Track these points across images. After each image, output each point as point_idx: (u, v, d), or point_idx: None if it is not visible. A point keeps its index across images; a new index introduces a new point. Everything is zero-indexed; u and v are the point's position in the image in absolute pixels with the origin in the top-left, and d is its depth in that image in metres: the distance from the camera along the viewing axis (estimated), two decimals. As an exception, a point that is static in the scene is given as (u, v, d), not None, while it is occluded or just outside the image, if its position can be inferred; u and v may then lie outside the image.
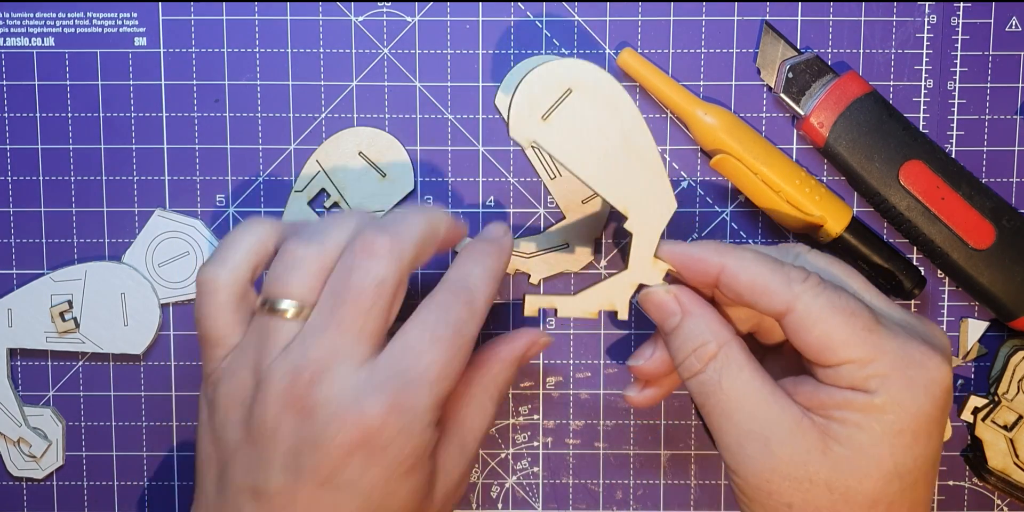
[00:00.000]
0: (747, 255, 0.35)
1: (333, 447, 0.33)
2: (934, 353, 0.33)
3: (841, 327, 0.33)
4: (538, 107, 0.36)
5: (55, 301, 0.44)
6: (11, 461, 0.45)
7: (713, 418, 0.35)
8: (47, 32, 0.44)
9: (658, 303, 0.36)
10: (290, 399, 0.33)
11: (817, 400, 0.34)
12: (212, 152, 0.45)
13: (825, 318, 0.33)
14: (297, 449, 0.33)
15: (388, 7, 0.44)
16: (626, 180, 0.37)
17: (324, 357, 0.33)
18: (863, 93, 0.42)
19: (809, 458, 0.33)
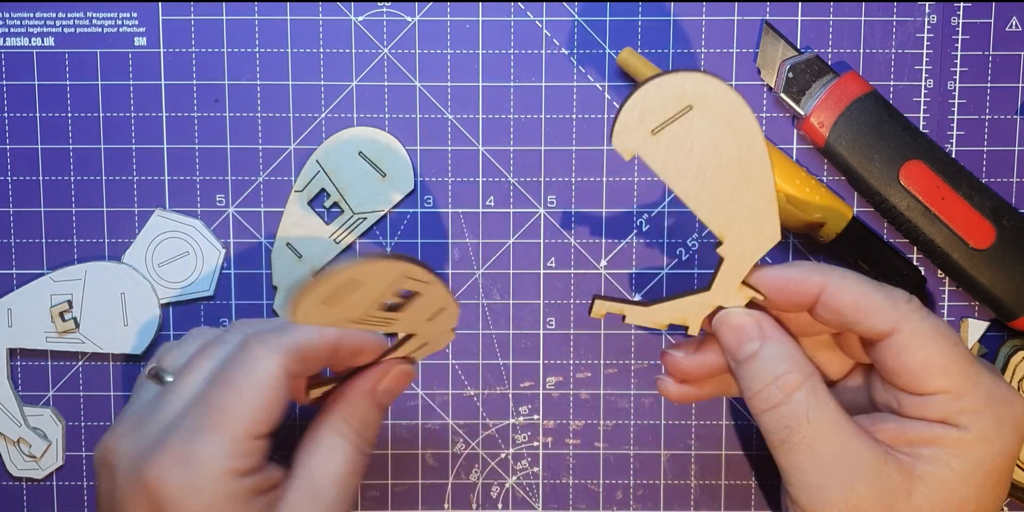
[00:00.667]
0: (848, 274, 0.33)
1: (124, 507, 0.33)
2: (1017, 395, 0.33)
3: (944, 354, 0.32)
4: (650, 120, 0.32)
5: (55, 301, 0.44)
6: (11, 461, 0.45)
7: (794, 455, 0.32)
8: (47, 32, 0.44)
9: (737, 326, 0.34)
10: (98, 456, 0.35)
11: (904, 437, 0.32)
12: (212, 152, 0.45)
13: (930, 343, 0.32)
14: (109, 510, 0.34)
15: (388, 7, 0.44)
16: (730, 204, 0.33)
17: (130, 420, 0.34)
18: (863, 93, 0.42)
19: (895, 499, 0.31)
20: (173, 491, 0.31)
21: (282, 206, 0.45)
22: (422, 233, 0.45)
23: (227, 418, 0.32)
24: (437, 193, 0.45)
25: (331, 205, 0.44)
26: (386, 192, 0.44)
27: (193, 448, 0.32)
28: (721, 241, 0.34)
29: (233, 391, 0.32)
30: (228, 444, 0.32)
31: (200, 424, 0.32)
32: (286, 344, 0.33)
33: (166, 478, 0.31)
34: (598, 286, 0.45)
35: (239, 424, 0.32)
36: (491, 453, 0.46)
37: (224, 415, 0.32)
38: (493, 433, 0.46)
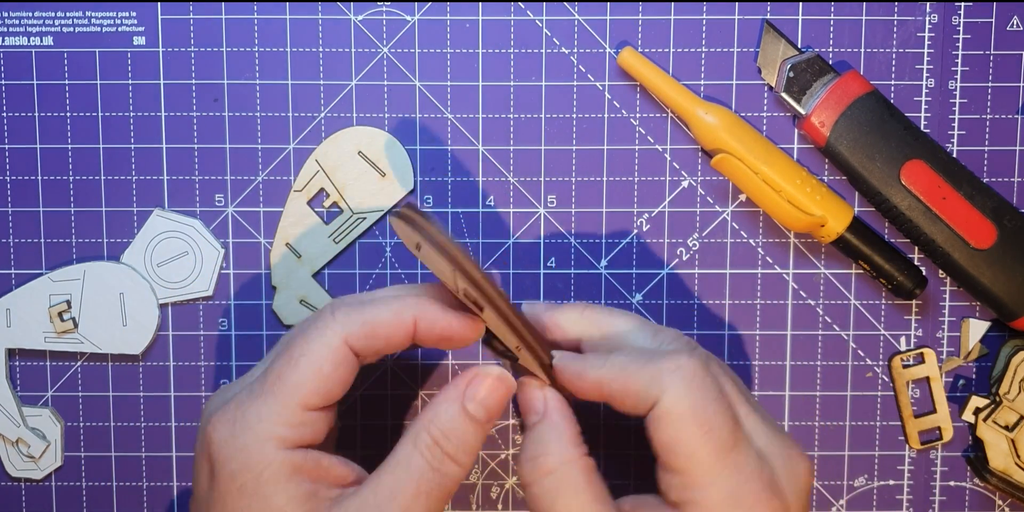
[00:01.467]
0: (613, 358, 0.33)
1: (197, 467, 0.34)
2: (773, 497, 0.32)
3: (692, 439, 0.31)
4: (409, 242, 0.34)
5: (54, 301, 0.44)
6: (10, 462, 0.45)
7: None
8: (46, 31, 0.44)
9: (526, 399, 0.35)
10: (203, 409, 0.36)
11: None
12: (211, 152, 0.44)
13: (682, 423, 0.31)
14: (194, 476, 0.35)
15: (388, 6, 0.44)
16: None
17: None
18: (864, 92, 0.42)
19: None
20: (220, 447, 0.32)
21: (281, 206, 0.45)
22: (422, 233, 0.45)
23: (279, 385, 0.32)
24: (437, 193, 0.45)
25: (330, 205, 0.44)
26: (386, 192, 0.44)
27: (244, 409, 0.32)
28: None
29: (291, 359, 0.32)
30: (276, 410, 0.32)
31: (258, 388, 0.32)
32: (356, 317, 0.32)
33: (214, 435, 0.32)
34: (598, 286, 0.45)
35: (290, 392, 0.32)
36: (491, 453, 0.46)
37: (278, 382, 0.32)
38: (493, 433, 0.46)
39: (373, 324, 0.33)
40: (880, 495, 0.46)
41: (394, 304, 0.33)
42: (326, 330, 0.32)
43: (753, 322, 0.45)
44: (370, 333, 0.33)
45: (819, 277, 0.45)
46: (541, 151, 0.45)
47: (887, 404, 0.46)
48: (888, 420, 0.46)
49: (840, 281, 0.45)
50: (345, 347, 0.32)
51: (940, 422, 0.45)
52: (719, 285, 0.45)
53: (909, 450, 0.46)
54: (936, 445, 0.46)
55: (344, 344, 0.32)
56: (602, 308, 0.37)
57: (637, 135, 0.45)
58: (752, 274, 0.45)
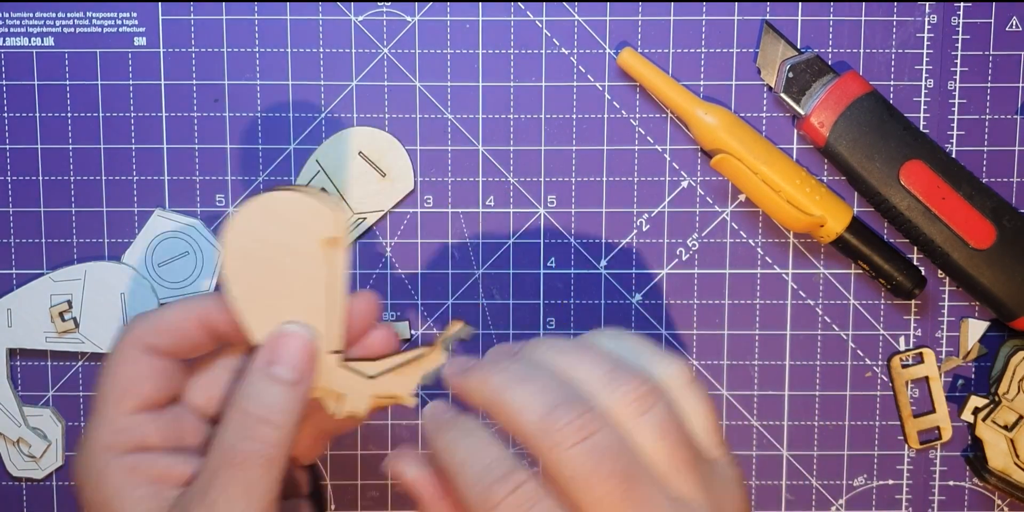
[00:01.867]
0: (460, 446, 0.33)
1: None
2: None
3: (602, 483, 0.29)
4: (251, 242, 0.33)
5: (55, 301, 0.44)
6: (11, 461, 0.45)
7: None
8: (47, 32, 0.44)
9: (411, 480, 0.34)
10: None
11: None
12: (212, 152, 0.45)
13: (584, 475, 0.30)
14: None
15: (388, 7, 0.44)
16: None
17: None
18: (863, 93, 0.42)
19: None
20: (76, 468, 0.34)
21: (282, 206, 0.45)
22: (422, 233, 0.45)
23: (99, 399, 0.34)
24: (437, 193, 0.45)
25: None
26: (386, 192, 0.44)
27: (85, 430, 0.34)
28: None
29: (104, 373, 0.34)
30: (100, 421, 0.33)
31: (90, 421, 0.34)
32: (142, 319, 0.34)
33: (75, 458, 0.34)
34: (598, 286, 0.45)
35: (107, 401, 0.33)
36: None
37: (100, 396, 0.34)
38: (493, 433, 0.46)
39: (158, 321, 0.34)
40: (879, 495, 0.46)
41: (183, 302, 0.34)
42: (121, 339, 0.34)
43: (752, 322, 0.45)
44: (158, 329, 0.34)
45: (818, 277, 0.45)
46: (541, 151, 0.45)
47: (886, 404, 0.46)
48: (887, 420, 0.46)
49: (839, 281, 0.45)
50: (136, 349, 0.34)
51: (939, 422, 0.45)
52: (719, 285, 0.45)
53: (908, 450, 0.46)
54: (935, 445, 0.46)
55: (135, 346, 0.34)
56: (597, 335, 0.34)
57: (637, 135, 0.45)
58: (751, 274, 0.45)
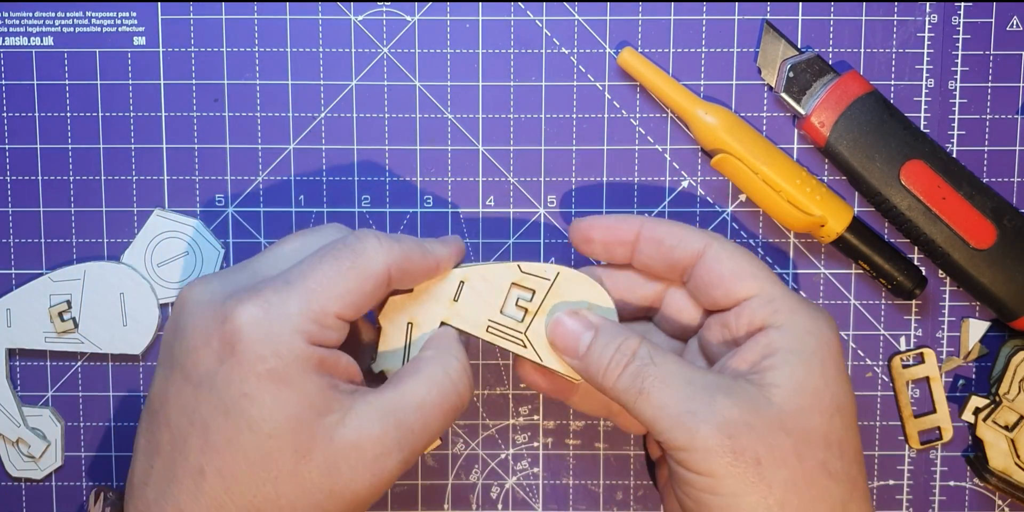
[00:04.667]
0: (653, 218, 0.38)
1: (191, 336, 0.33)
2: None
3: (751, 262, 0.36)
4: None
5: (54, 301, 0.44)
6: (10, 461, 0.45)
7: (653, 397, 0.34)
8: (46, 31, 0.44)
9: (571, 328, 0.36)
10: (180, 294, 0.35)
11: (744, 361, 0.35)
12: (211, 152, 0.45)
13: (737, 254, 0.36)
14: (169, 342, 0.34)
15: (388, 6, 0.44)
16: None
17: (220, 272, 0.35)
18: (864, 92, 0.42)
19: (757, 405, 0.33)
20: (249, 327, 0.32)
21: (282, 206, 0.45)
22: (422, 233, 0.45)
23: (322, 287, 0.33)
24: (437, 193, 0.45)
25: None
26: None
27: (281, 296, 0.32)
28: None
29: (340, 268, 0.33)
30: (315, 309, 0.33)
31: (296, 281, 0.33)
32: (397, 250, 0.34)
33: (243, 314, 0.32)
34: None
35: (331, 297, 0.33)
36: (491, 453, 0.46)
37: (322, 283, 0.33)
38: (493, 433, 0.46)
39: (410, 260, 0.35)
40: (880, 495, 0.46)
41: (424, 246, 0.36)
42: (376, 254, 0.34)
43: (753, 322, 0.45)
44: (406, 267, 0.35)
45: (819, 277, 0.45)
46: (541, 151, 0.45)
47: (887, 404, 0.46)
48: (888, 420, 0.46)
49: (840, 281, 0.45)
50: (387, 273, 0.34)
51: (940, 422, 0.45)
52: (719, 285, 0.45)
53: (909, 450, 0.46)
54: (936, 445, 0.46)
55: (387, 271, 0.34)
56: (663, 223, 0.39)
57: (637, 135, 0.45)
58: (752, 274, 0.45)
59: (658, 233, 0.37)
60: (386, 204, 0.45)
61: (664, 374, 0.34)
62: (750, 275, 0.36)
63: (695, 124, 0.43)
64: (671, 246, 0.37)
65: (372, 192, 0.45)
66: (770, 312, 0.35)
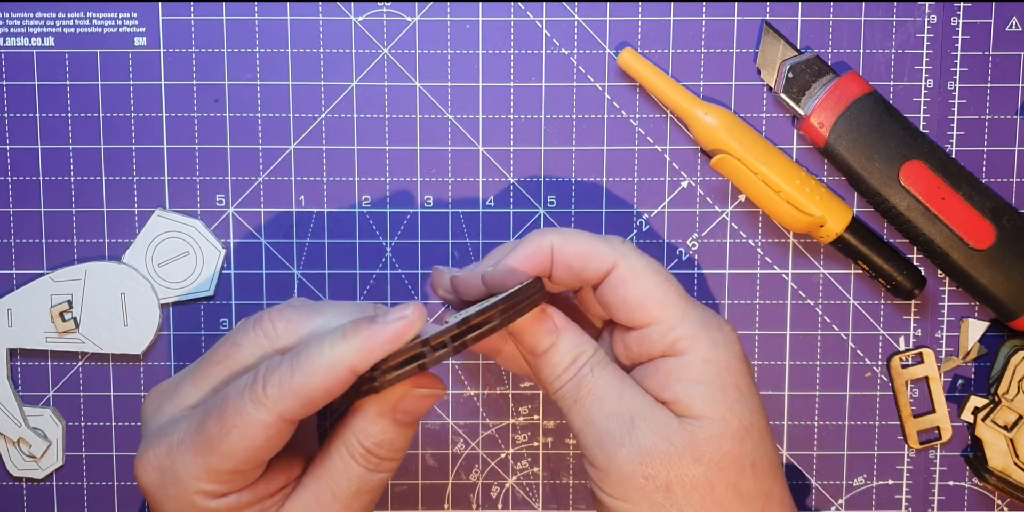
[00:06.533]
0: (568, 230, 0.36)
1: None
2: (725, 320, 0.36)
3: (657, 288, 0.35)
4: None
5: (55, 301, 0.44)
6: (11, 461, 0.45)
7: (584, 410, 0.34)
8: (47, 32, 0.44)
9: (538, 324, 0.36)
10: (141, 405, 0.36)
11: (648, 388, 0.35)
12: (212, 152, 0.45)
13: (646, 276, 0.35)
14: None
15: (388, 7, 0.44)
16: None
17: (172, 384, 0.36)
18: (863, 93, 0.42)
19: (669, 432, 0.33)
20: (148, 488, 0.33)
21: (282, 206, 0.45)
22: (422, 233, 0.45)
23: (210, 448, 0.32)
24: (437, 193, 0.45)
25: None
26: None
27: (172, 460, 0.33)
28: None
29: (223, 427, 0.32)
30: (205, 470, 0.32)
31: (188, 441, 0.33)
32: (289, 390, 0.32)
33: (143, 476, 0.33)
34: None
35: (220, 459, 0.32)
36: (491, 453, 0.46)
37: (209, 444, 0.32)
38: (493, 433, 0.46)
39: (308, 396, 0.32)
40: (879, 495, 0.46)
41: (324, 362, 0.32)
42: (260, 406, 0.32)
43: (752, 322, 0.45)
44: (306, 405, 0.32)
45: (818, 277, 0.45)
46: (541, 151, 0.45)
47: (886, 404, 0.46)
48: (887, 420, 0.46)
49: (839, 281, 0.45)
50: (280, 422, 0.32)
51: (939, 422, 0.46)
52: (719, 285, 0.45)
53: (908, 450, 0.46)
54: (935, 445, 0.46)
55: (279, 420, 0.32)
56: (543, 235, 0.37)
57: (637, 135, 0.45)
58: (751, 274, 0.45)
59: (567, 256, 0.35)
60: (386, 204, 0.45)
61: (598, 387, 0.35)
62: (653, 302, 0.35)
63: (695, 124, 0.43)
64: (581, 268, 0.35)
65: (372, 192, 0.45)
66: (670, 342, 0.35)
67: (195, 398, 0.35)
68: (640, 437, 0.33)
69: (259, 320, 0.35)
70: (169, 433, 0.33)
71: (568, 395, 0.35)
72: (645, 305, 0.35)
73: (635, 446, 0.33)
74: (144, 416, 0.36)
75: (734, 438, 0.34)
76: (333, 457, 0.34)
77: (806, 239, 0.45)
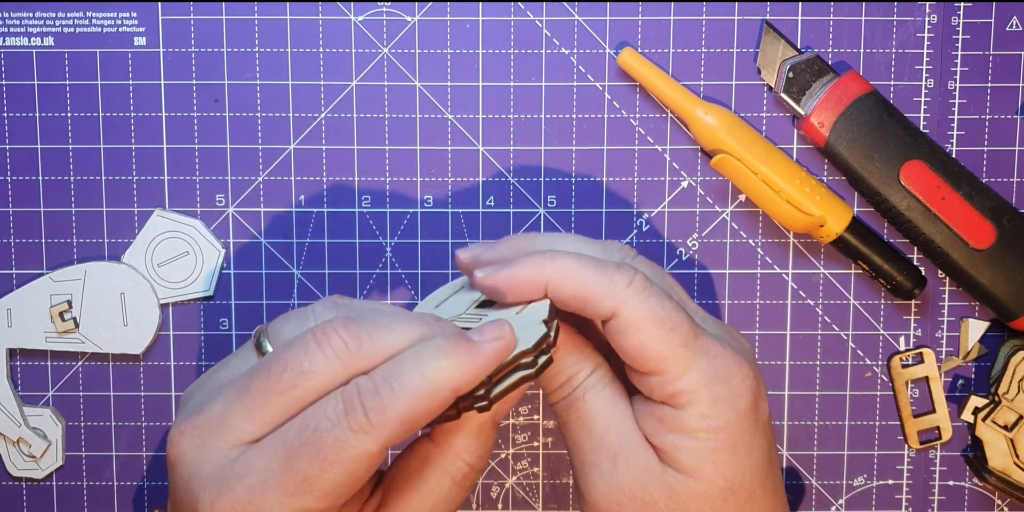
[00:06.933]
0: (568, 263, 0.33)
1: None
2: (742, 364, 0.33)
3: (658, 341, 0.32)
4: None
5: (55, 301, 0.44)
6: (11, 461, 0.45)
7: (573, 433, 0.34)
8: (46, 32, 0.44)
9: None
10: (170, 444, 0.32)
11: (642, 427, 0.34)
12: (211, 152, 0.45)
13: (645, 328, 0.32)
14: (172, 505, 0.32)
15: (388, 7, 0.44)
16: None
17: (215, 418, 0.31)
18: (863, 93, 0.42)
19: (648, 479, 0.33)
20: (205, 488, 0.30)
21: (282, 206, 0.45)
22: (422, 233, 0.45)
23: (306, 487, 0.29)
24: (437, 193, 0.45)
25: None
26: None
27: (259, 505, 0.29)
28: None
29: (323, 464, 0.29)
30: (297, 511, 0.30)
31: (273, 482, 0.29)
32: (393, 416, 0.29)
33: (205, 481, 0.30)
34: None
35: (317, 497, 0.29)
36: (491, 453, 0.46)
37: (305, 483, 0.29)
38: (493, 433, 0.46)
39: (414, 421, 0.30)
40: (879, 495, 0.46)
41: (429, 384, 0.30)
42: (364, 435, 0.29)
43: (752, 322, 0.45)
44: (408, 430, 0.30)
45: (818, 277, 0.45)
46: (541, 151, 0.45)
47: (886, 404, 0.46)
48: (887, 420, 0.46)
49: (839, 281, 0.45)
50: (384, 451, 0.30)
51: (939, 422, 0.45)
52: (719, 285, 0.45)
53: (908, 450, 0.46)
54: (935, 445, 0.46)
55: (383, 449, 0.30)
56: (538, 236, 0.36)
57: (637, 135, 0.45)
58: (751, 274, 0.45)
59: (562, 296, 0.33)
60: (386, 204, 0.45)
61: (587, 415, 0.34)
62: (652, 356, 0.32)
63: (695, 124, 0.43)
64: (579, 309, 0.33)
65: (372, 192, 0.45)
66: (668, 394, 0.33)
67: (252, 433, 0.31)
68: (620, 477, 0.33)
69: (324, 338, 0.31)
70: (242, 475, 0.30)
71: (560, 414, 0.35)
72: (644, 357, 0.32)
73: (613, 485, 0.33)
74: (181, 455, 0.31)
75: (716, 499, 0.33)
76: (429, 482, 0.33)
77: (806, 239, 0.45)
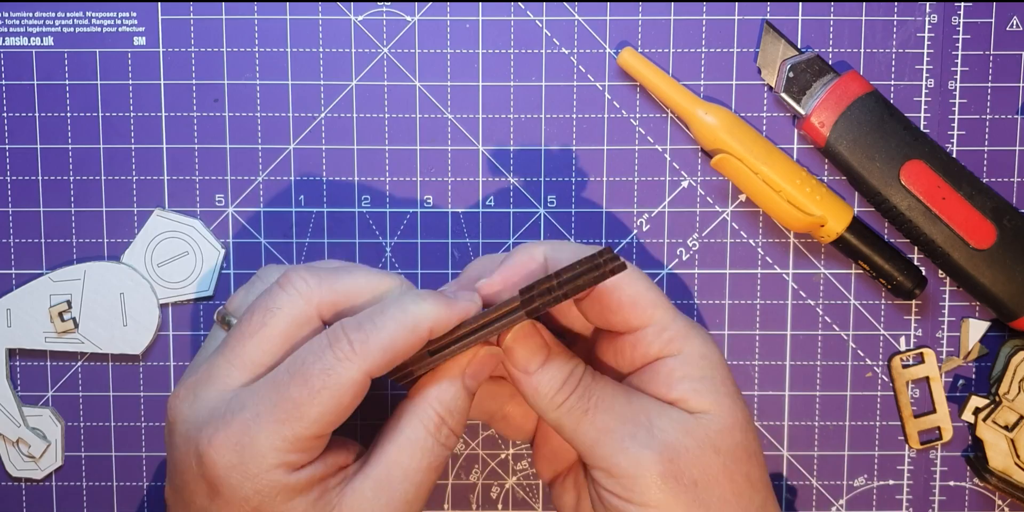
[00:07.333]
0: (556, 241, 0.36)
1: (181, 471, 0.33)
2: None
3: (648, 290, 0.35)
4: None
5: (54, 301, 0.44)
6: (10, 461, 0.45)
7: (597, 417, 0.34)
8: (46, 31, 0.44)
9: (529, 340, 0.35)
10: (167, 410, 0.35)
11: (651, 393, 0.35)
12: (211, 152, 0.45)
13: (635, 280, 0.35)
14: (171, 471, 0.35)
15: (388, 7, 0.44)
16: None
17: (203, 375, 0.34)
18: (864, 93, 0.42)
19: (687, 425, 0.34)
20: (226, 473, 0.32)
21: (282, 206, 0.45)
22: (422, 233, 0.45)
23: (297, 415, 0.32)
24: (437, 193, 0.45)
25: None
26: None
27: (252, 436, 0.32)
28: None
29: (311, 390, 0.32)
30: (290, 439, 0.32)
31: (266, 413, 0.32)
32: (375, 345, 0.32)
33: (218, 459, 0.32)
34: (598, 286, 0.45)
35: (308, 424, 0.32)
36: (491, 453, 0.46)
37: (296, 411, 0.32)
38: (493, 433, 0.46)
39: (395, 347, 0.33)
40: (880, 495, 0.46)
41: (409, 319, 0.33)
42: (348, 362, 0.32)
43: (753, 322, 0.45)
44: (391, 359, 0.33)
45: (819, 277, 0.45)
46: (541, 151, 0.45)
47: (887, 404, 0.46)
48: (888, 420, 0.46)
49: (840, 281, 0.45)
50: (366, 379, 0.32)
51: (940, 422, 0.45)
52: (719, 285, 0.45)
53: (909, 450, 0.46)
54: (936, 445, 0.46)
55: (366, 376, 0.32)
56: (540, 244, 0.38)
57: (637, 135, 0.45)
58: (752, 274, 0.45)
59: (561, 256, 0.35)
60: (386, 204, 0.45)
61: (605, 396, 0.35)
62: (647, 303, 0.35)
63: (695, 124, 0.43)
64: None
65: (372, 192, 0.45)
66: (665, 341, 0.35)
67: (239, 377, 0.33)
68: (663, 435, 0.34)
69: (287, 281, 0.34)
70: (236, 411, 0.32)
71: (576, 407, 0.35)
72: (640, 305, 0.35)
73: (661, 444, 0.33)
74: (178, 413, 0.34)
75: (743, 429, 0.35)
76: (405, 431, 0.34)
77: (806, 239, 0.45)
